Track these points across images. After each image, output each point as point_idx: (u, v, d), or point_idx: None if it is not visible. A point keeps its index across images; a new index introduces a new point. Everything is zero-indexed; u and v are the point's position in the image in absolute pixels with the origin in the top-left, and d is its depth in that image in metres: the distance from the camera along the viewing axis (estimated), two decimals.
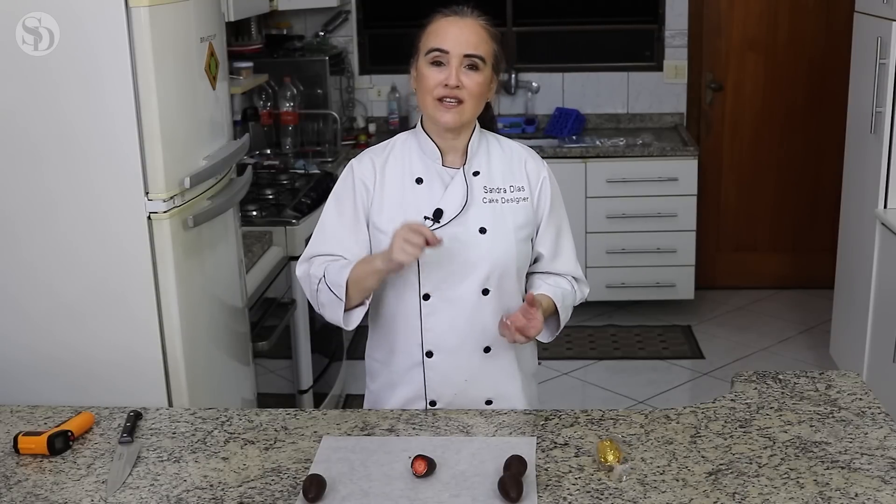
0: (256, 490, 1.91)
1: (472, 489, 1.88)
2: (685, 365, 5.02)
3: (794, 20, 5.65)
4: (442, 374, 2.27)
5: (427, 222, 2.19)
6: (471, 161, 2.25)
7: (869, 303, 4.15)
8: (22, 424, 2.21)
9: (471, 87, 2.15)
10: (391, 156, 2.28)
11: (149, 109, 2.42)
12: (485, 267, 2.21)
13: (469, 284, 2.22)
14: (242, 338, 3.08)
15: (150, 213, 2.46)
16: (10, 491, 1.93)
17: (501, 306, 2.24)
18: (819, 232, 5.76)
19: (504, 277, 2.23)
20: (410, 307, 2.24)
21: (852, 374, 2.35)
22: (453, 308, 2.23)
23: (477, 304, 2.23)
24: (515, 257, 2.24)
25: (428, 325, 2.24)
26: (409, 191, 2.23)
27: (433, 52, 2.15)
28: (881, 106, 4.02)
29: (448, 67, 2.14)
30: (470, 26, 2.17)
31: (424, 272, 2.20)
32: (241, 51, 4.86)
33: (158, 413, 2.25)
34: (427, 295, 2.22)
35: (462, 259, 2.20)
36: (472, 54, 2.14)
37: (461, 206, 2.21)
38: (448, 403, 2.28)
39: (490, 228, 2.21)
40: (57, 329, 2.52)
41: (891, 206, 4.05)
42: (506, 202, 2.24)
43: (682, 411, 2.19)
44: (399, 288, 2.24)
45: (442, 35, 2.16)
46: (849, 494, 1.83)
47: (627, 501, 1.83)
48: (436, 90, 2.15)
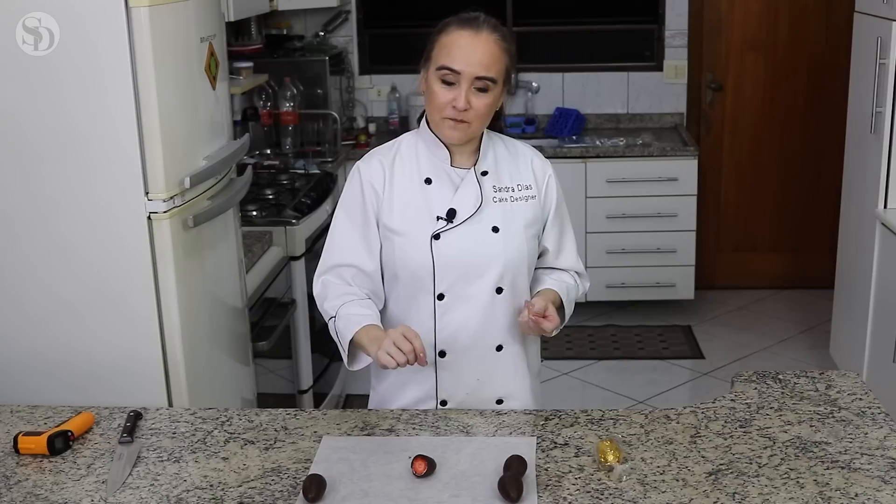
0: (256, 490, 1.91)
1: (473, 489, 1.88)
2: (685, 365, 5.01)
3: (794, 20, 5.64)
4: (455, 373, 2.27)
5: (440, 223, 2.19)
6: (480, 161, 2.25)
7: (869, 303, 4.15)
8: (22, 424, 2.21)
9: (479, 108, 2.14)
10: (398, 156, 2.28)
11: (149, 109, 2.42)
12: (499, 266, 2.22)
13: (484, 283, 2.22)
14: (242, 338, 3.08)
15: (151, 213, 2.46)
16: (10, 491, 1.93)
17: (513, 304, 2.25)
18: (819, 232, 5.76)
19: (517, 275, 2.25)
20: (424, 307, 2.23)
21: (852, 375, 2.35)
22: (467, 307, 2.23)
23: (490, 302, 2.23)
24: (527, 255, 2.27)
25: (442, 325, 2.24)
26: (419, 191, 2.23)
27: (444, 69, 2.12)
28: (881, 106, 4.02)
29: (458, 88, 2.12)
30: (484, 44, 2.12)
31: (440, 273, 2.20)
32: (241, 51, 4.86)
33: (158, 413, 2.25)
34: (441, 295, 2.22)
35: (477, 258, 2.21)
36: (483, 76, 2.12)
37: (476, 206, 2.21)
38: (459, 403, 2.28)
39: (502, 227, 2.22)
40: (57, 329, 2.52)
41: (891, 206, 4.05)
42: (515, 201, 2.25)
43: (682, 411, 2.19)
44: (411, 289, 2.24)
45: (455, 54, 2.12)
46: (849, 494, 1.83)
47: (627, 501, 1.83)
48: (444, 110, 2.14)
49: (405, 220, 2.20)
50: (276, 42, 5.44)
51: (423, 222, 2.20)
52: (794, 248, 5.94)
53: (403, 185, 2.24)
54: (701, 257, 5.57)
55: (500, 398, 2.31)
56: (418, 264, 2.20)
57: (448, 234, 2.19)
